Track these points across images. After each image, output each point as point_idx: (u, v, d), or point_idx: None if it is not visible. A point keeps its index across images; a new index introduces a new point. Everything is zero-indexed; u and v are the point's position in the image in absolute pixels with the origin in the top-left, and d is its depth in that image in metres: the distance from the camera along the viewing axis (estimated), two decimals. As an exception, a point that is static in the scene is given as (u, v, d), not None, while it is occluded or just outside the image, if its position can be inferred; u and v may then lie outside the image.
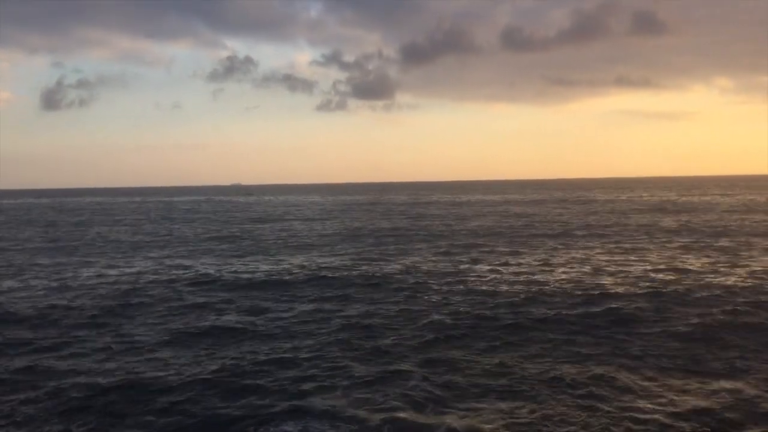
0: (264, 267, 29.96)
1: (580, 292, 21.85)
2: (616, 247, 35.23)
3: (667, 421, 10.91)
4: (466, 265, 29.08)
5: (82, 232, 54.00)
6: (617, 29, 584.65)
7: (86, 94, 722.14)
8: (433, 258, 32.01)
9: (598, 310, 19.14)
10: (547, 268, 27.66)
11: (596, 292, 21.84)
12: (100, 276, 27.87)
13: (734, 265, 27.51)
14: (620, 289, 22.34)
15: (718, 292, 21.57)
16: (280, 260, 32.42)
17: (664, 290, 21.96)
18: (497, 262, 29.79)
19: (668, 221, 53.50)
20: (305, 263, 30.72)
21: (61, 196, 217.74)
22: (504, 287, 23.36)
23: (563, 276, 25.54)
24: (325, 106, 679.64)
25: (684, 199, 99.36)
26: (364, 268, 28.84)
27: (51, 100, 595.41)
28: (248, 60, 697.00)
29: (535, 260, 30.37)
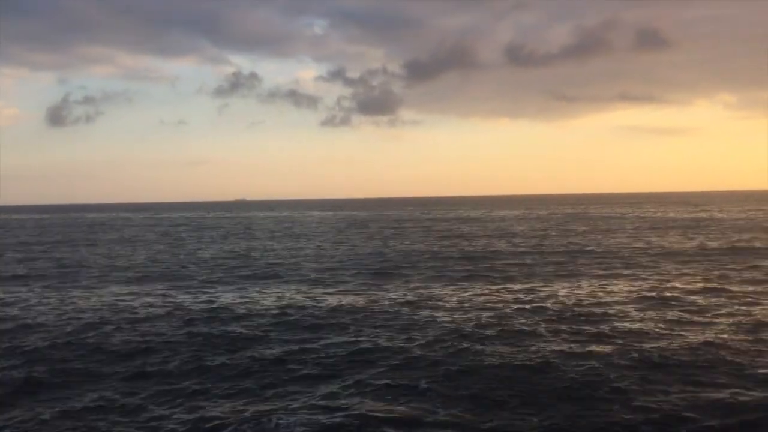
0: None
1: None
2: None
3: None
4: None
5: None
6: (620, 45, 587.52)
7: (92, 110, 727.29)
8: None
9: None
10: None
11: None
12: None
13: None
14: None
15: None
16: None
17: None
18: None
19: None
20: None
21: (68, 212, 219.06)
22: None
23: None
24: (329, 122, 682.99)
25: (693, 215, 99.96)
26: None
27: (57, 116, 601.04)
28: (253, 76, 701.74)
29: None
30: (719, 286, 27.02)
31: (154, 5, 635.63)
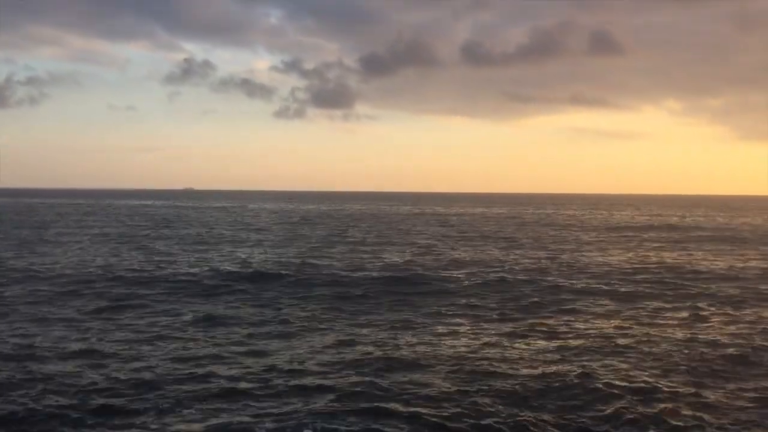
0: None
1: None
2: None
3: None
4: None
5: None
6: (574, 48, 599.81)
7: (36, 92, 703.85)
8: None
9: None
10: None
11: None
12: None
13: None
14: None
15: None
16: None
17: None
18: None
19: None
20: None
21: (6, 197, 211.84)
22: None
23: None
24: (283, 113, 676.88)
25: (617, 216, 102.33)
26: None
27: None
28: (206, 63, 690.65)
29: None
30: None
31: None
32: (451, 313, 21.50)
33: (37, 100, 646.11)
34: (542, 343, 17.36)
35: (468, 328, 19.39)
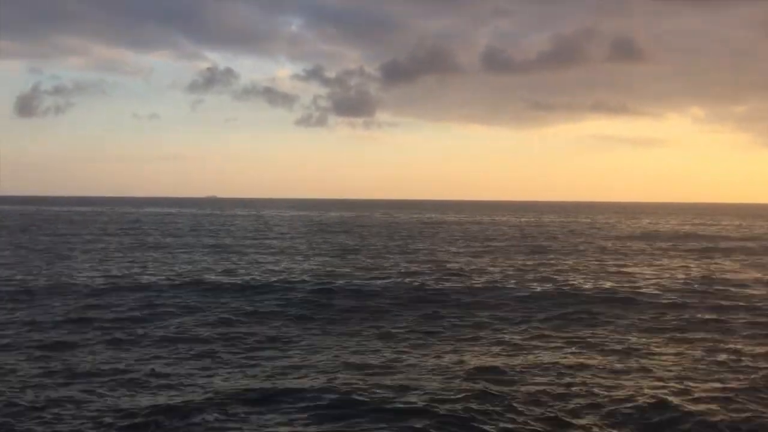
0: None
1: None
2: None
3: None
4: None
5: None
6: (596, 55, 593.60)
7: (63, 101, 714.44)
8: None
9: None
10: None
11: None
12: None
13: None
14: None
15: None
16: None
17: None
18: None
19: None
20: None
21: (35, 204, 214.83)
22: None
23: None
24: (304, 121, 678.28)
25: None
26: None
27: (26, 106, 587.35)
28: (228, 72, 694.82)
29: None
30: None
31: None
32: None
33: (63, 109, 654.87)
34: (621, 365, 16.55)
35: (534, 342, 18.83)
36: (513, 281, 31.41)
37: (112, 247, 49.51)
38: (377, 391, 13.94)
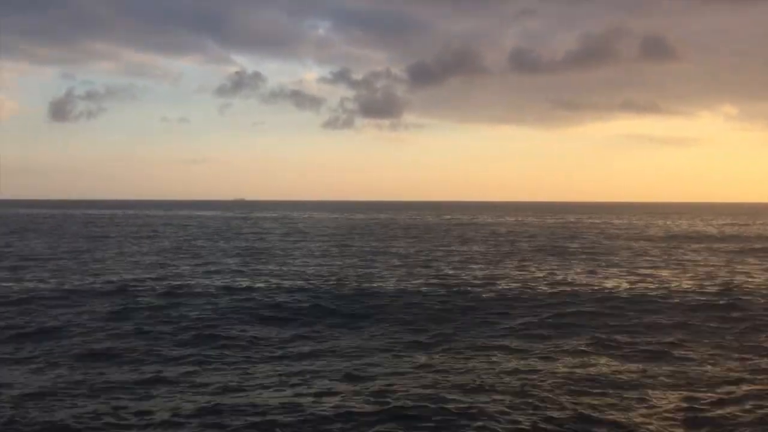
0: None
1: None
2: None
3: None
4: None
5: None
6: (625, 54, 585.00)
7: (95, 106, 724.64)
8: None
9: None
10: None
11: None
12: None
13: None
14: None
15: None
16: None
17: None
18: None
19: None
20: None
21: (67, 208, 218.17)
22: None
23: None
24: (331, 124, 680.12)
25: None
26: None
27: (59, 111, 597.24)
28: (256, 75, 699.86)
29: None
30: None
31: (160, 2, 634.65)
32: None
33: (95, 114, 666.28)
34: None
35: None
36: (574, 287, 29.64)
37: (145, 250, 49.50)
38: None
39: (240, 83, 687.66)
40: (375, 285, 30.09)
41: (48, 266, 37.58)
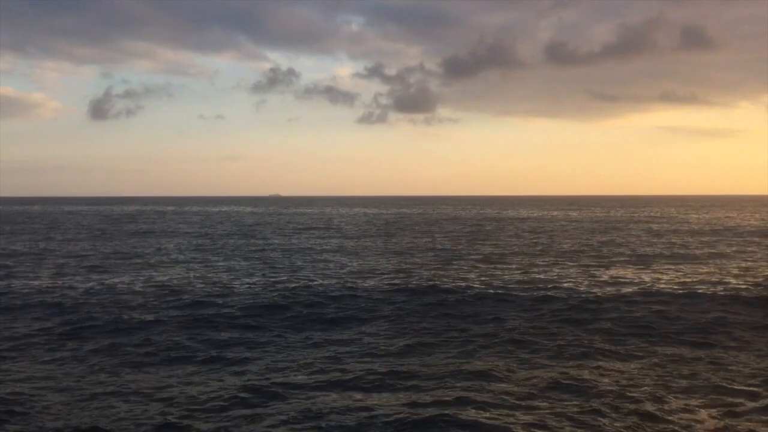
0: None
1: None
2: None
3: None
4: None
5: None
6: (664, 44, 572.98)
7: (133, 104, 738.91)
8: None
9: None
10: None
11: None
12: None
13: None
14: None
15: None
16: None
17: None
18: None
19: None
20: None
21: (107, 204, 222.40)
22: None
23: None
24: (366, 119, 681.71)
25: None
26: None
27: (99, 109, 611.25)
28: (291, 72, 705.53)
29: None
30: None
31: (196, 1, 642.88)
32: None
33: (133, 112, 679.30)
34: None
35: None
36: (631, 288, 28.09)
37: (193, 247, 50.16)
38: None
39: (275, 80, 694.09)
40: (451, 283, 29.24)
41: (100, 264, 38.36)
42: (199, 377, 15.07)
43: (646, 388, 14.02)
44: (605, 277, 31.55)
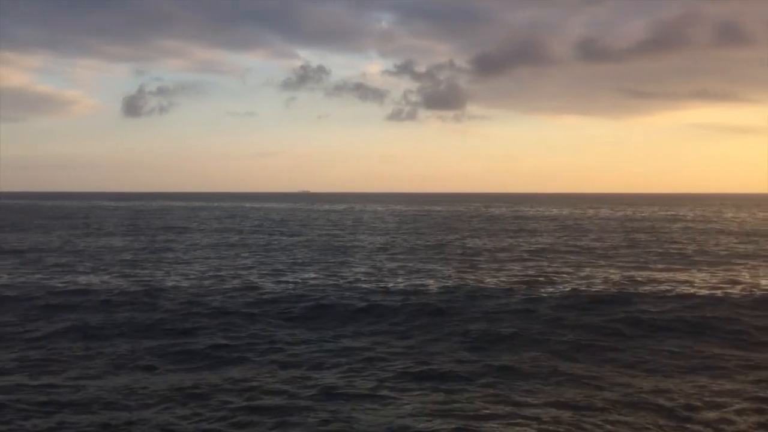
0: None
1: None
2: None
3: None
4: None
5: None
6: (698, 40, 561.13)
7: (165, 101, 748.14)
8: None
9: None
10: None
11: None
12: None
13: None
14: None
15: None
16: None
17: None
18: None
19: None
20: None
21: (141, 200, 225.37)
22: None
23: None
24: (395, 116, 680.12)
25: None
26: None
27: (133, 107, 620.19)
28: (321, 69, 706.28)
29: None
30: None
31: (226, 0, 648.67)
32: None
33: (166, 109, 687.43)
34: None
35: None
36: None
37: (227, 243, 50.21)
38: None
39: (305, 77, 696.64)
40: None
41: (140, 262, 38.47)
42: (238, 375, 14.70)
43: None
44: (661, 278, 30.48)
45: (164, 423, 11.94)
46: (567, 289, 26.68)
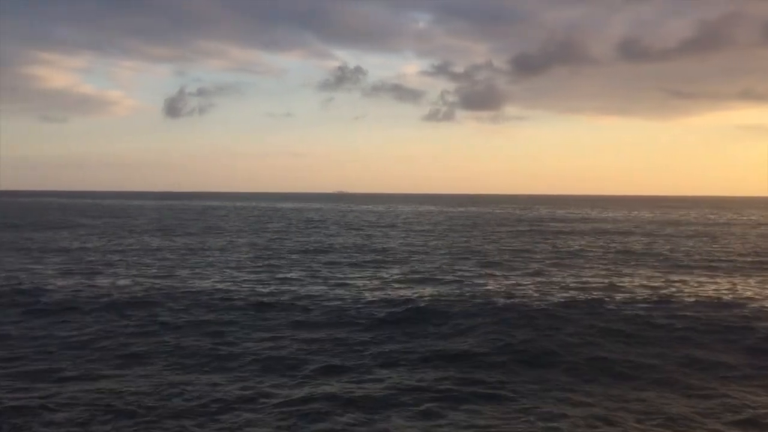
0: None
1: None
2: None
3: None
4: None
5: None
6: (743, 40, 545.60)
7: (205, 102, 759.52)
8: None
9: None
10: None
11: None
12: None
13: None
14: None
15: None
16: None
17: None
18: None
19: None
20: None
21: (182, 199, 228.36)
22: None
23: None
24: (432, 117, 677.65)
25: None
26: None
27: (173, 107, 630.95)
28: (358, 70, 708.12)
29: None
30: None
31: (265, 1, 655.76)
32: None
33: (205, 110, 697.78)
34: None
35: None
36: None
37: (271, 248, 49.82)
38: None
39: (342, 78, 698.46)
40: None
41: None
42: (272, 382, 13.97)
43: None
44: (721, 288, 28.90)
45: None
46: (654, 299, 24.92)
